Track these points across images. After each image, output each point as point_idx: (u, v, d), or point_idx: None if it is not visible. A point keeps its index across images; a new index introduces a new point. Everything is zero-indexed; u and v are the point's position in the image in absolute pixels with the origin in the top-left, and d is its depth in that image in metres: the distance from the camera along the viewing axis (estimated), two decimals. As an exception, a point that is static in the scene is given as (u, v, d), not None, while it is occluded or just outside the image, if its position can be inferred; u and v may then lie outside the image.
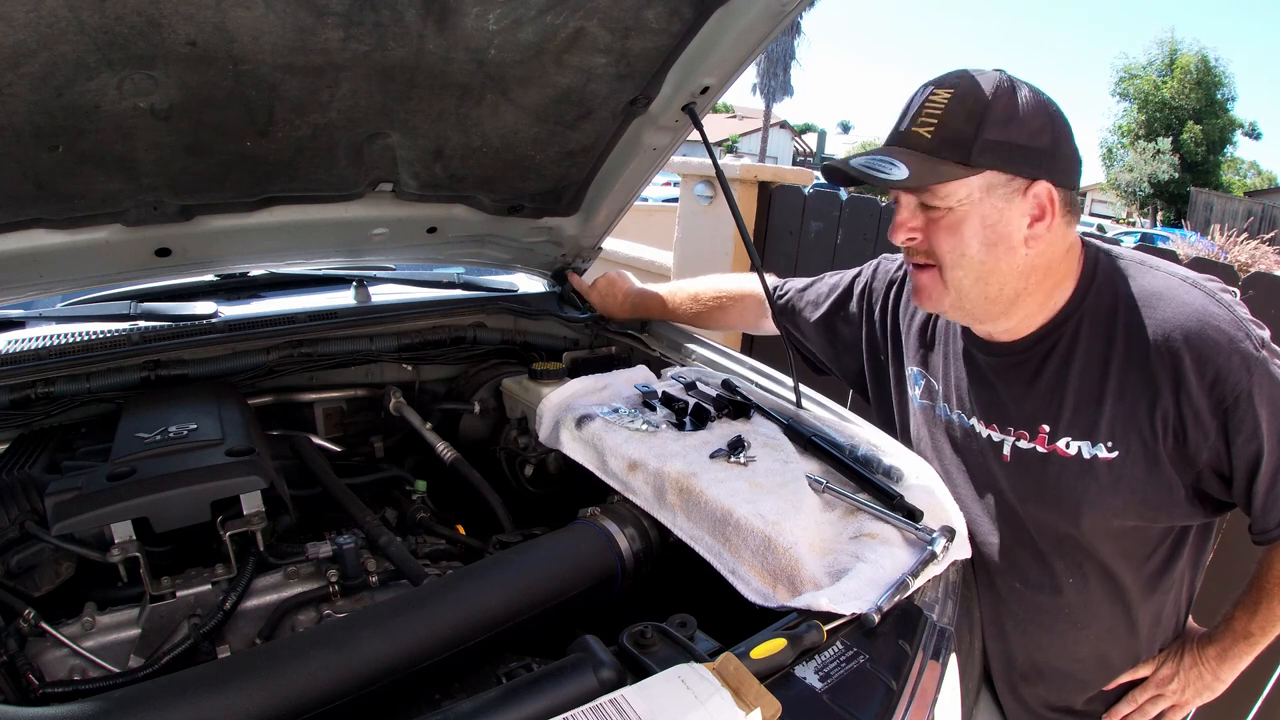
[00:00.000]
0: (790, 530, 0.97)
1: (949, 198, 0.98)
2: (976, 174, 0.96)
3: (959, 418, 1.19)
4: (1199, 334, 0.96)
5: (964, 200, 0.98)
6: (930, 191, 0.99)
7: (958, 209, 0.98)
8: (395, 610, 0.90)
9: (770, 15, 1.27)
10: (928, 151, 0.97)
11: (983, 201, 0.98)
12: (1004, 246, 0.99)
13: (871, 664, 0.80)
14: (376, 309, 1.76)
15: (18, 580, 1.03)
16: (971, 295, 1.04)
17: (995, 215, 0.98)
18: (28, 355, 1.39)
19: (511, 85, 1.28)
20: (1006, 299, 1.04)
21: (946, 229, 1.00)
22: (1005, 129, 0.94)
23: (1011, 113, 0.94)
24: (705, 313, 1.65)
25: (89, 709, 0.72)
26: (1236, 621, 1.12)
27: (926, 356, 1.25)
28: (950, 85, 0.97)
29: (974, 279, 1.02)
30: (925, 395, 1.25)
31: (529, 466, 1.47)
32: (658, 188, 10.42)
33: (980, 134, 0.94)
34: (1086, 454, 1.04)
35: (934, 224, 1.01)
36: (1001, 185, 0.97)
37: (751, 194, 3.46)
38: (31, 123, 1.00)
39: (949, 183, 0.97)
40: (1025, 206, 0.97)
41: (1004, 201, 0.97)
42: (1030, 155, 0.95)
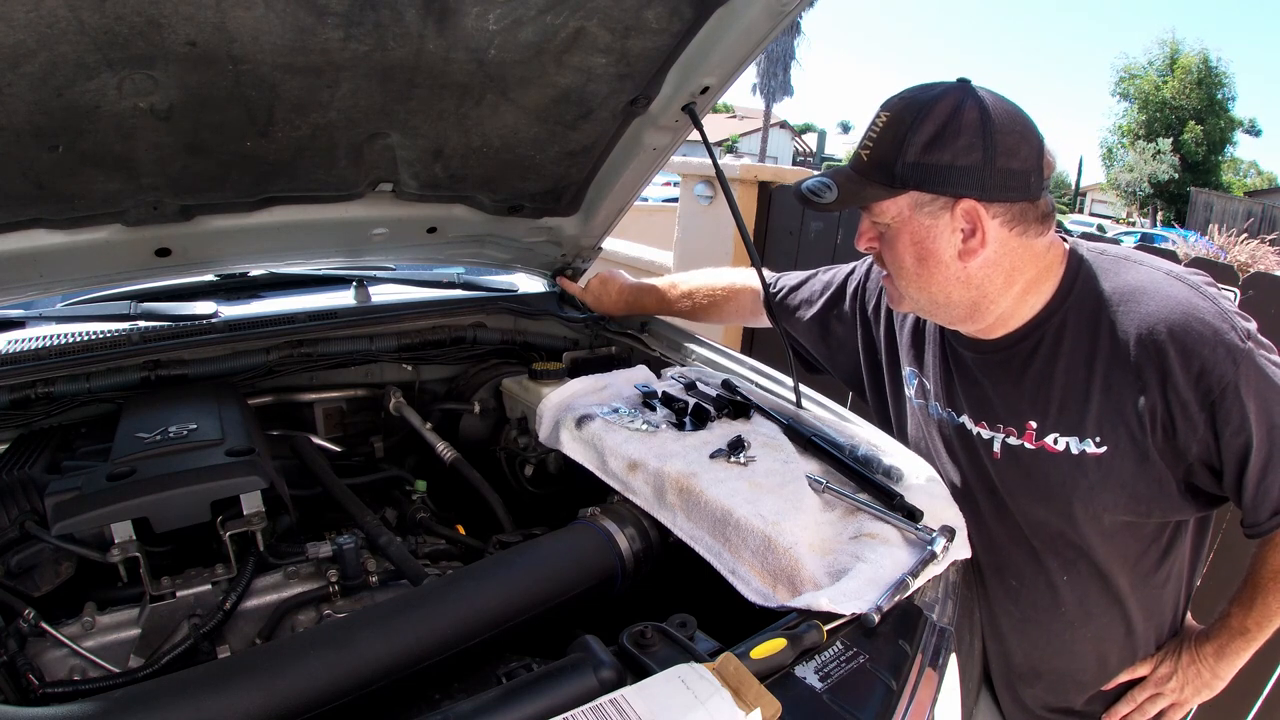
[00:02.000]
0: (790, 530, 0.97)
1: (883, 215, 1.04)
2: (901, 194, 1.01)
3: (949, 415, 1.20)
4: (1183, 326, 0.96)
5: (895, 218, 1.03)
6: (868, 210, 1.06)
7: (893, 225, 1.04)
8: (395, 610, 0.90)
9: (770, 15, 1.27)
10: (862, 173, 1.04)
11: (911, 219, 1.02)
12: (934, 261, 1.03)
13: (871, 664, 0.80)
14: (376, 309, 1.76)
15: (18, 580, 1.03)
16: (923, 301, 1.09)
17: (923, 232, 1.02)
18: (28, 355, 1.39)
19: (511, 85, 1.28)
20: (960, 305, 1.07)
21: (887, 244, 1.07)
22: (926, 150, 0.97)
23: (936, 134, 0.97)
24: (701, 307, 1.66)
25: (89, 709, 0.72)
26: (1233, 618, 1.12)
27: (919, 355, 1.27)
28: (890, 107, 1.02)
29: (916, 288, 1.07)
30: (919, 394, 1.27)
31: (529, 466, 1.47)
32: (658, 188, 10.42)
33: (901, 156, 0.98)
34: (1075, 449, 1.05)
35: (882, 239, 1.08)
36: (926, 204, 1.01)
37: (751, 194, 3.46)
38: (31, 123, 1.01)
39: (881, 202, 1.03)
40: (955, 223, 1.00)
41: (930, 219, 1.01)
42: (954, 174, 0.97)
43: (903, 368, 1.30)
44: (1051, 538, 1.12)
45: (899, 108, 1.00)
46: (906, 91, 1.03)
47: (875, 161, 1.02)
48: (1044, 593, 1.16)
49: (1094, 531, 1.09)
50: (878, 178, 1.02)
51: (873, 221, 1.07)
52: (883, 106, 1.03)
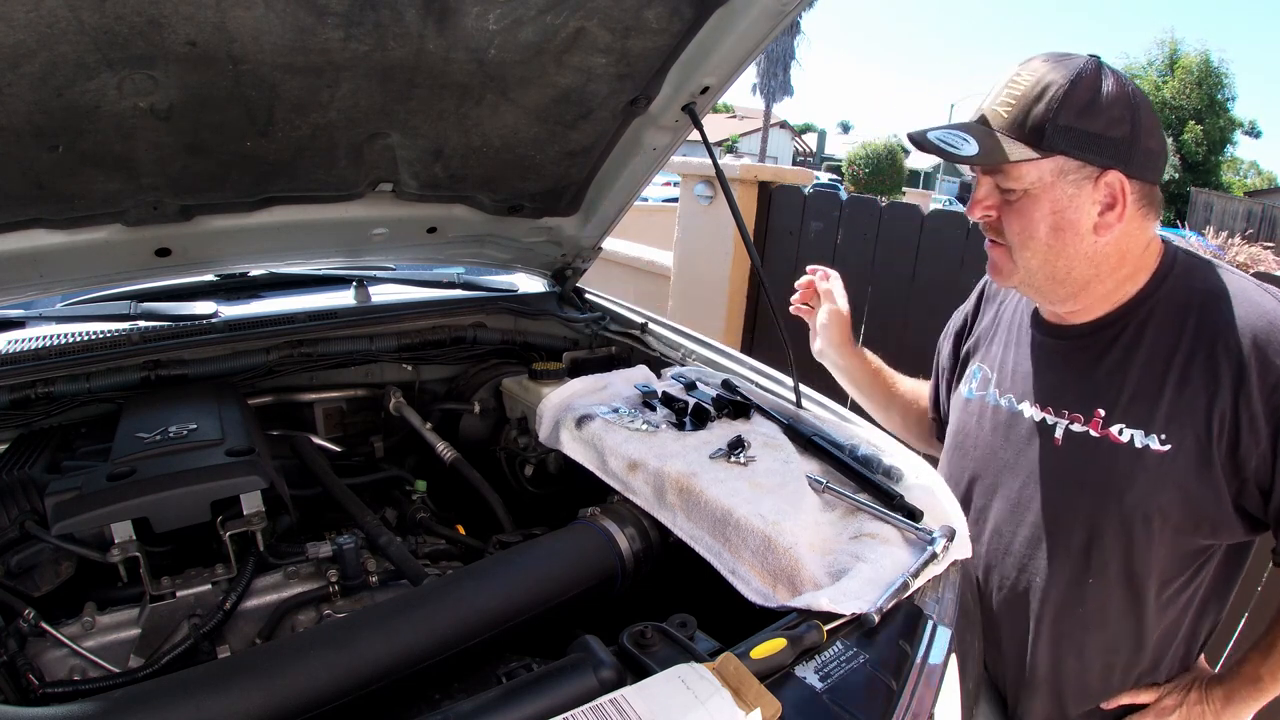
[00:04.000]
0: (790, 530, 0.97)
1: (1021, 179, 0.99)
2: (1047, 158, 0.97)
3: (1007, 403, 1.18)
4: (1268, 336, 0.95)
5: (1035, 183, 0.99)
6: (1003, 172, 1.00)
7: (1031, 191, 0.99)
8: (395, 610, 0.90)
9: (770, 15, 1.27)
10: (1001, 130, 0.99)
11: (1054, 186, 0.98)
12: (1071, 232, 1.00)
13: (871, 664, 0.80)
14: (376, 309, 1.76)
15: (18, 580, 1.02)
16: (1039, 276, 1.05)
17: (1065, 201, 0.98)
18: (28, 355, 1.39)
19: (511, 85, 1.28)
20: (1075, 282, 1.04)
21: (1017, 211, 1.01)
22: (1081, 115, 0.94)
23: (1090, 100, 0.94)
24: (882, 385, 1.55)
25: (89, 709, 0.72)
26: (1248, 664, 1.09)
27: (988, 349, 1.26)
28: (1033, 68, 0.98)
29: (1040, 261, 1.03)
30: (980, 386, 1.25)
31: (529, 466, 1.47)
32: (658, 188, 10.42)
33: (1054, 118, 0.95)
34: (1139, 443, 1.02)
35: (1007, 205, 1.03)
36: (1073, 171, 0.97)
37: (751, 194, 3.46)
38: (31, 123, 1.00)
39: (1021, 164, 0.98)
40: (1096, 195, 0.98)
41: (1074, 188, 0.98)
42: (1105, 144, 0.95)
43: (970, 363, 1.30)
44: (1091, 534, 1.08)
45: (1045, 69, 0.97)
46: (1046, 54, 1.00)
47: (1019, 120, 0.97)
48: (1069, 589, 1.13)
49: (1137, 533, 1.05)
50: (1023, 137, 0.97)
51: (999, 186, 1.03)
52: (1022, 65, 1.00)
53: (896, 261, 2.93)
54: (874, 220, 3.02)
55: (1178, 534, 1.04)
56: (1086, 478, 1.07)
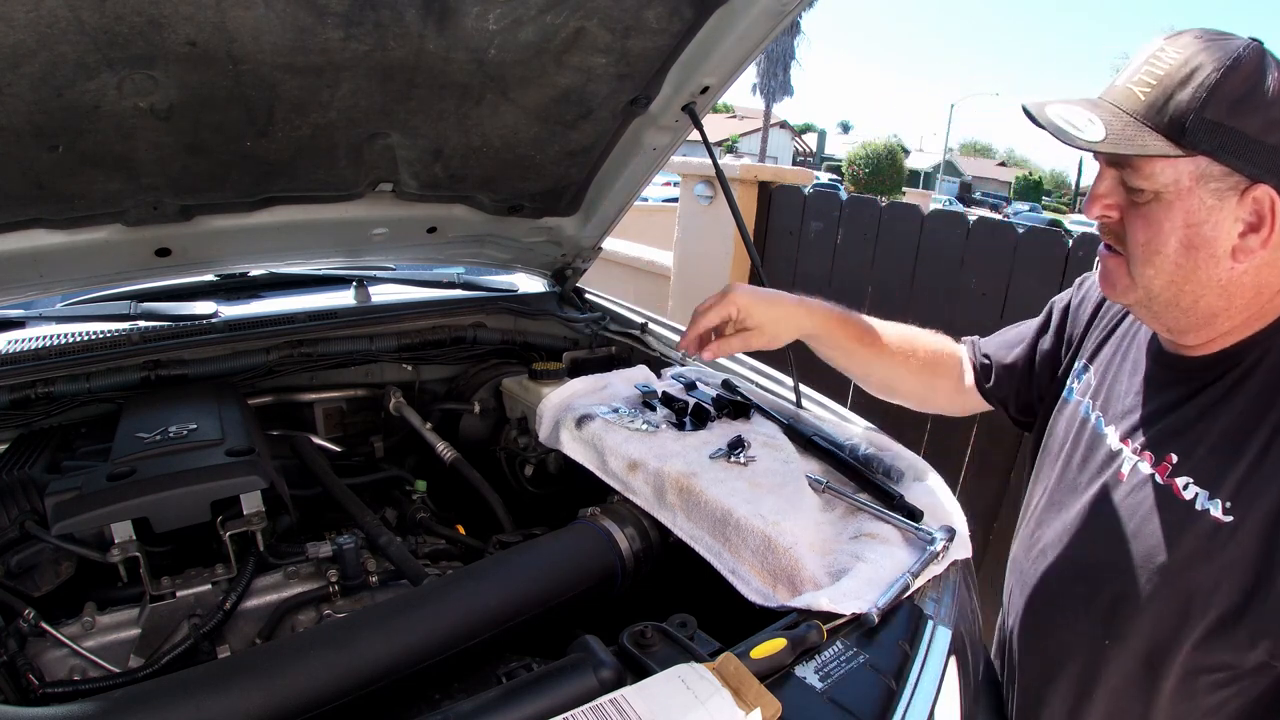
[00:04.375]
0: (790, 530, 0.97)
1: (1153, 178, 0.81)
2: (1187, 157, 0.79)
3: (1097, 420, 1.04)
4: None
5: (1169, 186, 0.81)
6: (1132, 167, 0.83)
7: (1164, 195, 0.82)
8: (395, 610, 0.90)
9: (770, 15, 1.27)
10: (1136, 115, 0.81)
11: (1191, 193, 0.80)
12: (1205, 253, 0.82)
13: (871, 664, 0.80)
14: (376, 309, 1.76)
15: (18, 580, 1.03)
16: (1160, 299, 0.88)
17: (1202, 213, 0.81)
18: (28, 355, 1.39)
19: (511, 85, 1.28)
20: (1201, 313, 0.87)
21: (1144, 217, 0.84)
22: (1234, 111, 0.77)
23: (1247, 93, 0.77)
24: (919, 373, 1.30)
25: (89, 709, 0.72)
26: None
27: (1099, 351, 1.10)
28: (1183, 43, 0.81)
29: (1164, 282, 0.86)
30: (1081, 392, 1.10)
31: (529, 466, 1.47)
32: (658, 188, 10.42)
33: (1201, 110, 0.77)
34: (1200, 504, 0.86)
35: (1132, 207, 0.85)
36: (1216, 178, 0.79)
37: (751, 194, 3.46)
38: (31, 123, 1.00)
39: (1154, 160, 0.80)
40: (1240, 211, 0.80)
41: (1215, 199, 0.80)
42: (1258, 151, 0.77)
43: (1078, 360, 1.14)
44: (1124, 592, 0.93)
45: (1196, 48, 0.79)
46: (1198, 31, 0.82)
47: (1158, 106, 0.80)
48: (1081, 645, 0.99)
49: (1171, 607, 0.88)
50: (1161, 127, 0.79)
51: (1125, 184, 0.85)
52: (1169, 39, 0.82)
53: (896, 261, 2.93)
54: (874, 220, 3.02)
55: (1221, 626, 0.85)
56: (1137, 527, 0.92)
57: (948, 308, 2.74)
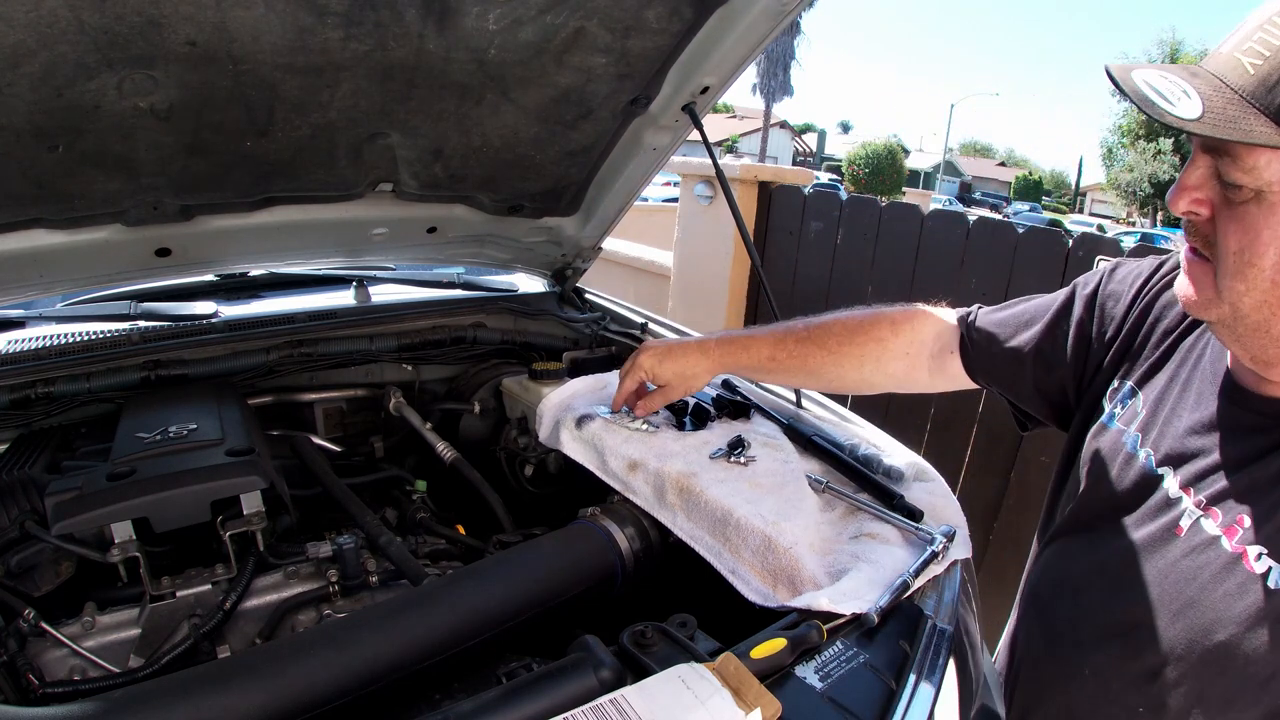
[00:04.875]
0: (790, 530, 0.97)
1: (1256, 172, 0.67)
2: None
3: (1146, 457, 0.90)
4: None
5: (1275, 185, 0.67)
6: (1232, 156, 0.68)
7: (1266, 194, 0.67)
8: (395, 610, 0.90)
9: (770, 15, 1.27)
10: (1242, 92, 0.66)
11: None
12: None
13: (871, 664, 0.80)
14: (376, 309, 1.76)
15: (18, 580, 1.02)
16: (1248, 320, 0.74)
17: None
18: (28, 355, 1.39)
19: (511, 85, 1.28)
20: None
21: (1239, 219, 0.70)
22: None
23: None
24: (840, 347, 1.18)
25: (89, 709, 0.72)
26: None
27: (1152, 373, 0.94)
28: None
29: (1256, 301, 0.72)
30: (1125, 419, 0.95)
31: (529, 466, 1.47)
32: (658, 188, 10.43)
33: None
34: (1274, 582, 0.74)
35: (1227, 205, 0.71)
36: None
37: (751, 194, 3.46)
38: (31, 123, 1.00)
39: (1259, 150, 0.66)
40: None
41: None
42: None
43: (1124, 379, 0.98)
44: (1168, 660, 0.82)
45: None
46: None
47: (1270, 83, 0.65)
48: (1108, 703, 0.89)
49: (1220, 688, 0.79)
50: (1271, 110, 0.64)
51: (1221, 175, 0.70)
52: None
53: (896, 261, 2.93)
54: (874, 220, 3.02)
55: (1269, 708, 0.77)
56: (1195, 595, 0.80)
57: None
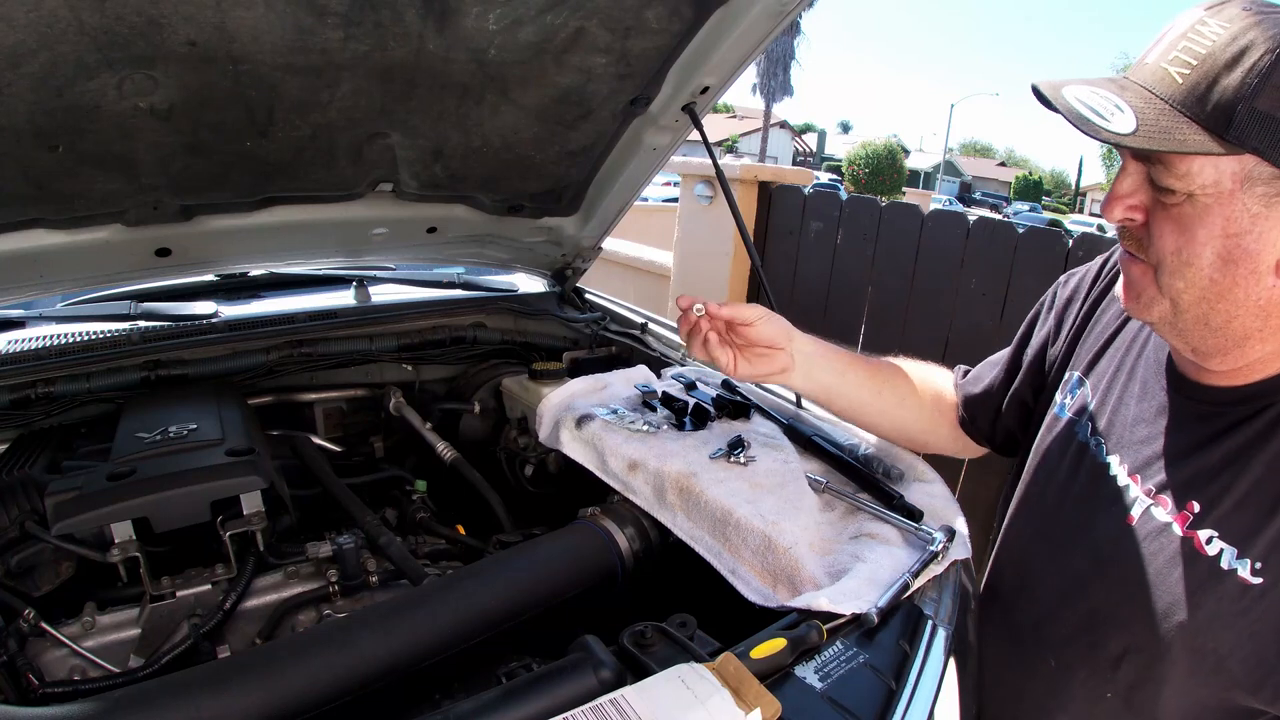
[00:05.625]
0: (790, 530, 0.97)
1: (1189, 177, 0.69)
2: (1233, 154, 0.67)
3: (1097, 447, 0.93)
4: None
5: (1208, 188, 0.69)
6: (1164, 164, 0.70)
7: (1198, 198, 0.69)
8: (395, 610, 0.90)
9: (770, 15, 1.28)
10: (1172, 101, 0.68)
11: (1234, 197, 0.68)
12: (1246, 268, 0.70)
13: (871, 664, 0.80)
14: (376, 309, 1.76)
15: (18, 580, 1.03)
16: (1188, 315, 0.76)
17: (1245, 221, 0.69)
18: (28, 355, 1.39)
19: (511, 85, 1.28)
20: (1232, 335, 0.76)
21: (1176, 221, 0.72)
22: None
23: None
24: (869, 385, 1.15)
25: (89, 709, 0.72)
26: None
27: (1096, 363, 0.98)
28: (1230, 14, 0.67)
29: (1196, 297, 0.74)
30: (1075, 408, 0.98)
31: (529, 466, 1.47)
32: (658, 188, 10.43)
33: (1252, 99, 0.64)
34: (1226, 563, 0.77)
35: (1162, 209, 0.73)
36: (1264, 181, 0.67)
37: (751, 194, 3.46)
38: (31, 123, 1.01)
39: (1192, 157, 0.68)
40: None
41: (1261, 205, 0.68)
42: None
43: (1069, 371, 1.02)
44: (1129, 646, 0.86)
45: (1247, 22, 0.66)
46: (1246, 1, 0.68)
47: (1199, 91, 0.67)
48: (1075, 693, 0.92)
49: (1180, 665, 0.82)
50: (1202, 118, 0.67)
51: (1153, 182, 0.73)
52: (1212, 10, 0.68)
53: (896, 261, 2.93)
54: (874, 220, 3.02)
55: (1228, 685, 0.80)
56: (1153, 579, 0.83)
57: (948, 308, 2.74)
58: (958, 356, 1.33)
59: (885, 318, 2.99)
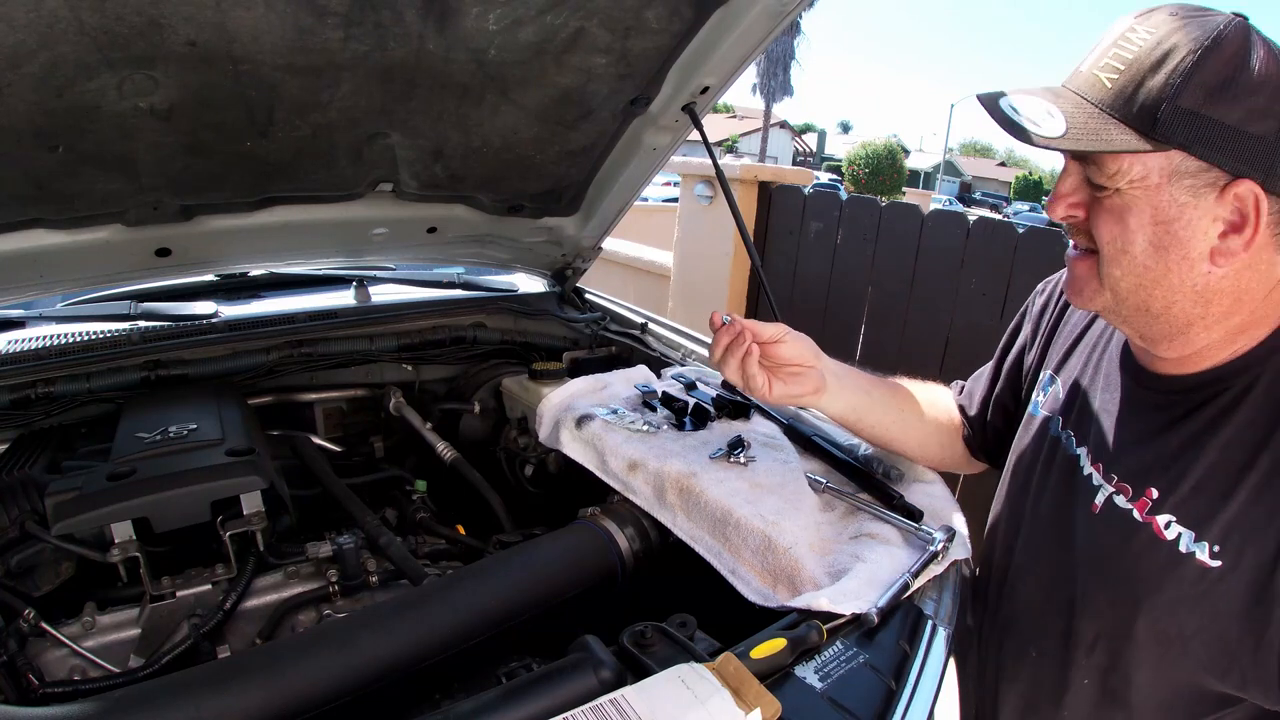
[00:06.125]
0: (790, 530, 0.97)
1: (1119, 175, 0.74)
2: (1161, 150, 0.71)
3: (1068, 441, 0.96)
4: None
5: (1136, 182, 0.73)
6: (1097, 164, 0.76)
7: (1126, 191, 0.74)
8: (395, 610, 0.90)
9: (770, 15, 1.28)
10: (1102, 105, 0.74)
11: (1161, 190, 0.73)
12: (1178, 254, 0.75)
13: (871, 664, 0.80)
14: (376, 309, 1.76)
15: (18, 580, 1.03)
16: (1129, 302, 0.81)
17: (1174, 211, 0.73)
18: (28, 355, 1.39)
19: (511, 85, 1.28)
20: (1173, 321, 0.79)
21: (1110, 212, 0.77)
22: (1213, 98, 0.68)
23: (1230, 78, 0.68)
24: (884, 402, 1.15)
25: (89, 709, 0.72)
26: None
27: (1066, 361, 1.02)
28: (1156, 21, 0.72)
29: (1133, 285, 0.79)
30: (1048, 405, 1.02)
31: (529, 466, 1.47)
32: (658, 188, 10.43)
33: (1175, 97, 0.69)
34: (1184, 547, 0.79)
35: (1098, 203, 0.78)
36: (1190, 174, 0.71)
37: (751, 194, 3.46)
38: (31, 123, 1.01)
39: (1121, 155, 0.73)
40: (1220, 210, 0.72)
41: (1189, 195, 0.72)
42: (1242, 142, 0.69)
43: (1043, 371, 1.06)
44: (1100, 632, 0.88)
45: (1171, 26, 0.71)
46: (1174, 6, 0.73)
47: (1126, 94, 0.72)
48: (1056, 681, 0.93)
49: (1146, 650, 0.84)
50: (1130, 118, 0.72)
51: (1089, 180, 0.78)
52: (1140, 17, 0.73)
53: (896, 261, 2.93)
54: (874, 220, 3.02)
55: (1195, 669, 0.81)
56: (1112, 565, 0.86)
57: (948, 308, 2.74)
58: (958, 356, 1.34)
59: (885, 318, 2.99)
